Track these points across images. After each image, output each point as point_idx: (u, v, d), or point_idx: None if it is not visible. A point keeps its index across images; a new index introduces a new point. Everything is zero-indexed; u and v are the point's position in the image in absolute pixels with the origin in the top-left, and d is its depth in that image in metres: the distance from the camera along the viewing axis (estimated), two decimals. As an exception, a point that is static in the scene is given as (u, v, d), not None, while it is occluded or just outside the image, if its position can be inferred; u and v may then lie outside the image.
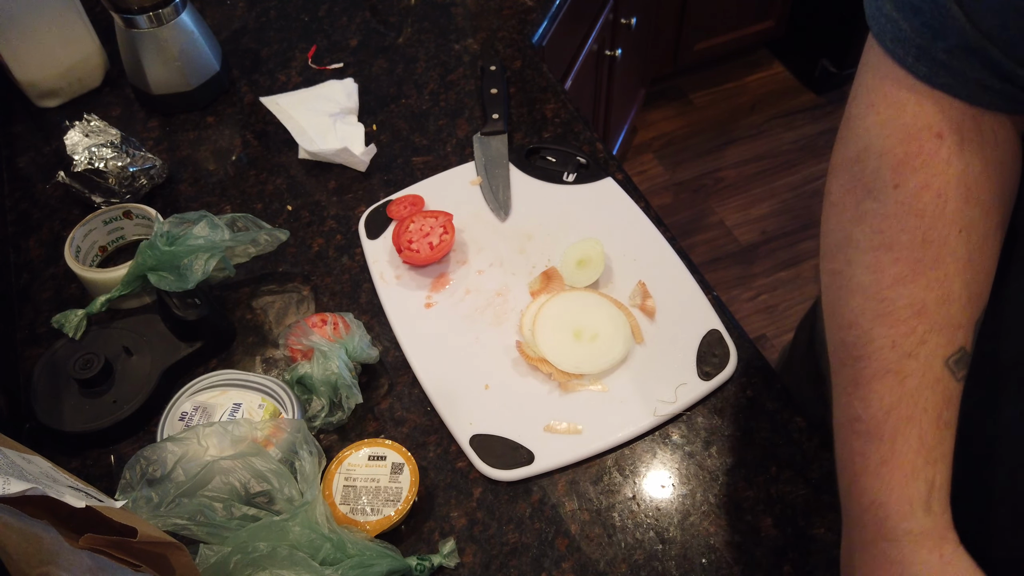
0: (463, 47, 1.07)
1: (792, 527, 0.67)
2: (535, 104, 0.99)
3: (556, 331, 0.76)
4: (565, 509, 0.68)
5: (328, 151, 0.91)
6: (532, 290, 0.81)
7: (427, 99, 1.00)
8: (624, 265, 0.82)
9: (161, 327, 0.77)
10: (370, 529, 0.64)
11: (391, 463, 0.67)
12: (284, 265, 0.85)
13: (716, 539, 0.67)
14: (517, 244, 0.85)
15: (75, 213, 0.89)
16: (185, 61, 0.95)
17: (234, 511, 0.62)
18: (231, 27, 1.10)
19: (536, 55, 1.06)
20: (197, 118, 0.99)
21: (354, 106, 0.98)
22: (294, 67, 1.05)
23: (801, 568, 0.65)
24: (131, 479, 0.63)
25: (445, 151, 0.95)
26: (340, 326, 0.73)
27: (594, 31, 1.52)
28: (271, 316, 0.81)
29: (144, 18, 0.91)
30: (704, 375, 0.74)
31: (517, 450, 0.70)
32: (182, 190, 0.92)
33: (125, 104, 1.01)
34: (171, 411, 0.70)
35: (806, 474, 0.70)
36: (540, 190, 0.89)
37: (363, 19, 1.11)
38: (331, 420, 0.71)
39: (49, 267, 0.86)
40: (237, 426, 0.65)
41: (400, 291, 0.81)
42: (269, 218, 0.88)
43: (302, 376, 0.71)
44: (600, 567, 0.65)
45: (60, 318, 0.76)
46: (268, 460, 0.63)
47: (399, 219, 0.84)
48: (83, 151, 0.86)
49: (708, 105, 2.38)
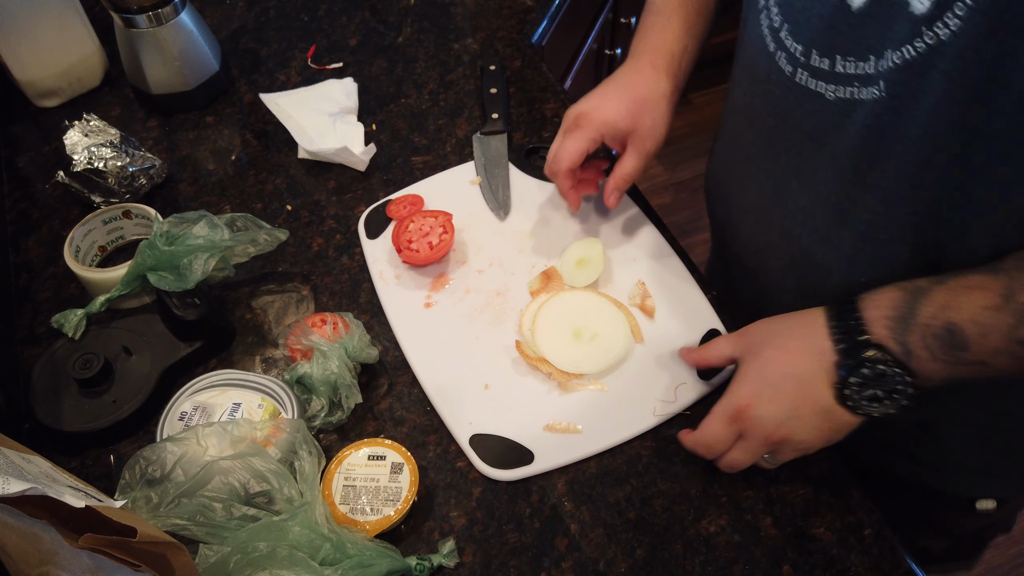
0: (463, 47, 1.07)
1: (791, 527, 0.67)
2: (535, 104, 0.99)
3: (556, 331, 0.76)
4: (565, 509, 0.68)
5: (328, 151, 0.91)
6: (532, 290, 0.81)
7: (426, 99, 1.00)
8: (624, 265, 0.82)
9: (161, 327, 0.77)
10: (370, 529, 0.64)
11: (391, 463, 0.67)
12: (284, 265, 0.85)
13: (716, 539, 0.67)
14: (517, 244, 0.85)
15: (74, 213, 0.89)
16: (184, 61, 0.95)
17: (234, 511, 0.62)
18: (231, 27, 1.10)
19: (536, 55, 1.06)
20: (196, 118, 0.99)
21: (353, 106, 0.98)
22: (294, 67, 1.05)
23: (800, 568, 0.65)
24: (131, 479, 0.63)
25: (444, 151, 0.95)
26: (340, 326, 0.73)
27: (594, 31, 1.52)
28: (271, 316, 0.81)
29: (143, 18, 0.91)
30: (704, 375, 0.74)
31: (517, 450, 0.70)
32: (181, 190, 0.92)
33: (124, 104, 1.01)
34: (170, 411, 0.70)
35: (806, 473, 0.70)
36: (540, 190, 0.89)
37: (363, 19, 1.11)
38: (331, 420, 0.71)
39: (48, 267, 0.85)
40: (237, 426, 0.65)
41: (400, 291, 0.81)
42: (269, 218, 0.88)
43: (302, 376, 0.71)
44: (600, 567, 0.65)
45: (59, 318, 0.76)
46: (268, 460, 0.63)
47: (399, 219, 0.84)
48: (82, 151, 0.85)
49: (707, 105, 2.38)
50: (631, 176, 0.79)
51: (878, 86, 0.56)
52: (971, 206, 0.58)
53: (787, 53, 0.63)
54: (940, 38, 0.52)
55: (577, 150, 0.78)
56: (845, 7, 0.57)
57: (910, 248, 0.62)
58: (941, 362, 0.57)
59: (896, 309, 0.59)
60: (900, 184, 0.59)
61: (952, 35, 0.51)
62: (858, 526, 0.67)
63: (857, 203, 0.63)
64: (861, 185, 0.62)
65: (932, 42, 0.52)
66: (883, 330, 0.59)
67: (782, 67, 0.64)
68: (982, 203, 0.58)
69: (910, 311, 0.58)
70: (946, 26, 0.51)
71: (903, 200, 0.60)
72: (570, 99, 1.00)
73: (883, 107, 0.57)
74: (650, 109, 0.77)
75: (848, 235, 0.65)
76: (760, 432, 0.63)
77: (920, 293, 0.58)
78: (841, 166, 0.63)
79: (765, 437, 0.63)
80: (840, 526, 0.67)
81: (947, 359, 0.57)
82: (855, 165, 0.62)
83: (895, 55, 0.54)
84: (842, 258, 0.67)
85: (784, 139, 0.67)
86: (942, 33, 0.51)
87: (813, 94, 0.62)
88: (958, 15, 0.50)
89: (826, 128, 0.62)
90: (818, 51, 0.60)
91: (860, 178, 0.62)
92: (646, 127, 0.77)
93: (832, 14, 0.58)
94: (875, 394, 0.59)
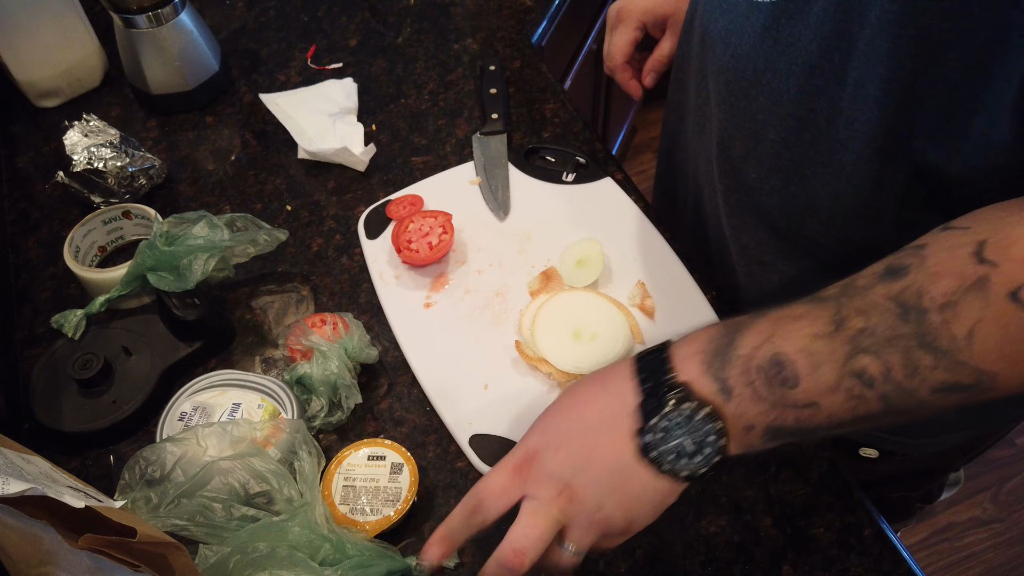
0: (462, 47, 1.07)
1: (791, 527, 0.67)
2: (534, 104, 0.99)
3: (555, 331, 0.76)
4: (564, 509, 0.68)
5: (327, 151, 0.91)
6: (531, 290, 0.81)
7: (426, 99, 1.00)
8: (624, 265, 0.82)
9: (160, 327, 0.77)
10: (369, 529, 0.64)
11: (390, 463, 0.67)
12: (283, 265, 0.85)
13: (715, 539, 0.67)
14: (516, 244, 0.85)
15: (74, 213, 0.89)
16: (184, 61, 0.95)
17: (233, 511, 0.62)
18: (230, 27, 1.10)
19: (535, 55, 1.06)
20: (196, 118, 0.99)
21: (353, 106, 0.98)
22: (293, 67, 1.05)
23: (800, 568, 0.65)
24: (130, 479, 0.63)
25: (444, 151, 0.95)
26: (339, 326, 0.73)
27: (593, 31, 1.52)
28: (270, 316, 0.81)
29: (143, 18, 0.91)
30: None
31: (516, 450, 0.70)
32: (181, 190, 0.92)
33: (124, 104, 1.01)
34: (170, 411, 0.70)
35: (805, 473, 0.70)
36: (539, 190, 0.89)
37: (362, 19, 1.11)
38: (330, 420, 0.71)
39: (48, 267, 0.85)
40: (236, 426, 0.65)
41: (399, 291, 0.81)
42: (268, 218, 0.88)
43: (301, 376, 0.71)
44: (599, 567, 0.65)
45: (59, 318, 0.76)
46: (267, 460, 0.63)
47: (398, 219, 0.84)
48: (82, 151, 0.85)
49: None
50: (668, 57, 0.82)
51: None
52: (842, 118, 0.55)
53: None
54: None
55: (625, 42, 0.83)
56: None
57: (792, 152, 0.61)
58: (765, 403, 0.48)
59: (712, 342, 0.50)
60: (789, 86, 0.58)
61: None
62: (858, 526, 0.67)
63: (753, 102, 0.62)
64: (757, 86, 0.61)
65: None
66: (696, 366, 0.50)
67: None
68: (851, 118, 0.55)
69: (729, 342, 0.49)
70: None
71: (791, 102, 0.58)
72: (569, 99, 1.00)
73: (781, 10, 0.56)
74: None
75: (740, 136, 0.66)
76: (545, 488, 0.51)
77: (741, 325, 0.50)
78: (740, 66, 0.62)
79: (550, 497, 0.51)
80: (840, 526, 0.67)
81: (772, 398, 0.48)
82: (755, 65, 0.60)
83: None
84: (736, 156, 0.67)
85: (702, 62, 0.70)
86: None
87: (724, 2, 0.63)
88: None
89: (730, 29, 0.62)
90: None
91: (757, 78, 0.61)
92: (683, 10, 0.78)
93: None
94: (682, 446, 0.49)
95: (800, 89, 0.57)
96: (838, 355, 0.46)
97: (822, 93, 0.56)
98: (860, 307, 0.47)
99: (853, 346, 0.46)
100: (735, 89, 0.63)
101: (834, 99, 0.55)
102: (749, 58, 0.60)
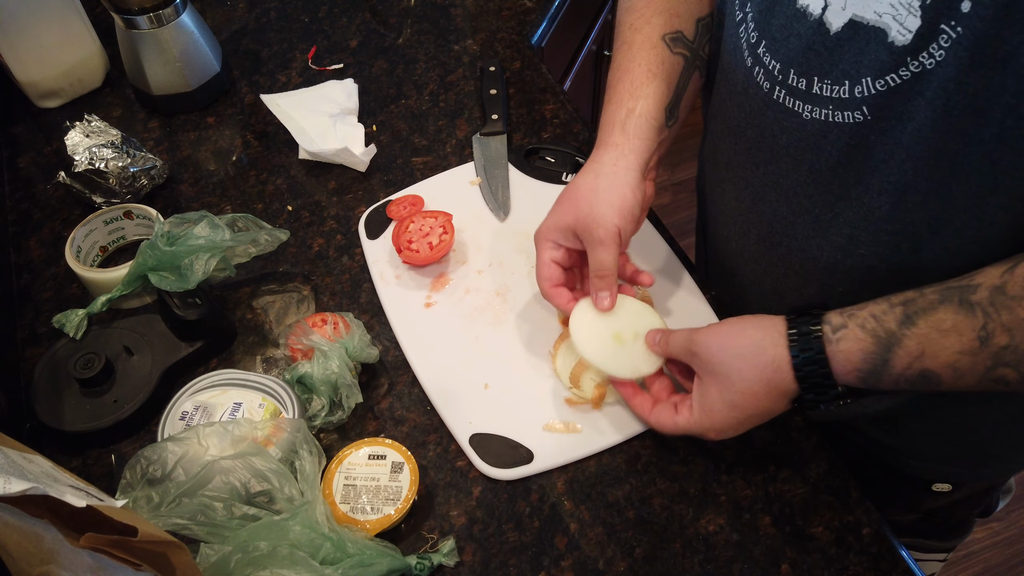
0: (462, 48, 1.07)
1: (790, 526, 0.67)
2: (534, 104, 0.99)
3: (596, 339, 0.71)
4: (564, 508, 0.69)
5: (328, 151, 0.91)
6: (561, 319, 0.78)
7: (427, 100, 1.01)
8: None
9: (162, 327, 0.77)
10: (370, 528, 0.64)
11: (391, 462, 0.68)
12: (284, 265, 0.86)
13: (714, 538, 0.67)
14: (516, 244, 0.85)
15: (76, 213, 0.89)
16: (185, 62, 0.95)
17: (234, 511, 0.62)
18: (231, 28, 1.10)
19: (535, 56, 1.06)
20: (197, 118, 1.00)
21: (354, 106, 0.98)
22: (294, 68, 1.05)
23: (799, 567, 0.65)
24: (132, 479, 0.63)
25: (445, 151, 0.95)
26: (340, 326, 0.74)
27: (593, 31, 1.52)
28: (271, 316, 0.82)
29: (144, 19, 0.91)
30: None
31: (516, 449, 0.70)
32: (182, 190, 0.92)
33: (126, 104, 1.01)
34: (172, 411, 0.70)
35: (804, 473, 0.70)
36: (539, 190, 0.89)
37: (363, 20, 1.11)
38: (331, 419, 0.71)
39: (50, 267, 0.86)
40: (237, 426, 0.66)
41: (400, 291, 0.82)
42: (269, 218, 0.88)
43: (302, 375, 0.71)
44: (599, 566, 0.66)
45: (61, 318, 0.76)
46: (268, 460, 0.63)
47: (399, 219, 0.85)
48: (84, 151, 0.86)
49: (708, 105, 2.38)
50: (601, 266, 0.70)
51: (861, 110, 0.57)
52: (950, 230, 0.58)
53: (765, 70, 0.62)
54: (925, 67, 0.52)
55: (544, 264, 0.72)
56: (824, 30, 0.57)
57: (887, 264, 0.62)
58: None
59: (867, 362, 0.58)
60: (882, 203, 0.59)
61: (937, 64, 0.52)
62: (856, 525, 0.67)
63: (839, 217, 0.63)
64: (845, 199, 0.62)
65: (917, 70, 0.53)
66: (855, 382, 0.60)
67: (760, 83, 0.63)
68: (961, 230, 0.58)
69: (883, 363, 0.57)
70: (931, 56, 0.52)
71: (884, 219, 0.60)
72: (569, 100, 1.00)
73: (869, 128, 0.57)
74: (586, 193, 0.69)
75: (827, 247, 0.65)
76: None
77: (892, 342, 0.57)
78: (823, 181, 0.62)
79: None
80: (838, 525, 0.67)
81: (913, 390, 0.59)
82: (841, 180, 0.61)
83: (879, 82, 0.55)
84: (819, 268, 0.67)
85: (763, 151, 0.66)
86: (927, 63, 0.52)
87: (791, 112, 0.61)
88: (943, 46, 0.51)
89: (803, 146, 0.62)
90: (796, 71, 0.60)
91: (845, 192, 0.61)
92: (584, 217, 0.69)
93: (811, 35, 0.58)
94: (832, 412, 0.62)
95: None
96: (980, 368, 0.54)
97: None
98: (1007, 323, 0.53)
99: (995, 360, 0.53)
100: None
101: None
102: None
